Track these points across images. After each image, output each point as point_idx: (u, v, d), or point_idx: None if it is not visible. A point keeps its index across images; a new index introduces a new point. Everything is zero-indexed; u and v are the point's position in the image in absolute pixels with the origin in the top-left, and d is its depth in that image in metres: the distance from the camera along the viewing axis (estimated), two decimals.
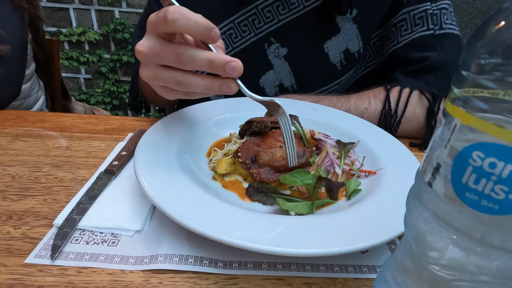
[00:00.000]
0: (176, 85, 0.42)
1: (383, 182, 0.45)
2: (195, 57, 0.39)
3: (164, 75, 0.41)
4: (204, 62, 0.39)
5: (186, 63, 0.39)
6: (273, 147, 0.48)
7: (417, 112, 0.65)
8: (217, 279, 0.35)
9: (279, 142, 0.48)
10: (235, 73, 0.39)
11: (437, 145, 0.23)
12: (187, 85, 0.41)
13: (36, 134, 0.60)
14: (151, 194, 0.38)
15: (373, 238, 0.35)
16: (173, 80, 0.41)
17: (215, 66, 0.39)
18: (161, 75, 0.42)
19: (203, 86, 0.41)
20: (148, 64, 0.42)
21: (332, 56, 0.74)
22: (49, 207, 0.43)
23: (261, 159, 0.46)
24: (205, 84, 0.41)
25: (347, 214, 0.39)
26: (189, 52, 0.39)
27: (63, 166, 0.51)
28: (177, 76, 0.41)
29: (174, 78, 0.41)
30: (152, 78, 0.42)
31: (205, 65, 0.39)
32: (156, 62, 0.41)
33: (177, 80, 0.41)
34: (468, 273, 0.23)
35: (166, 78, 0.41)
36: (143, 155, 0.45)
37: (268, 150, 0.47)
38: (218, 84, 0.41)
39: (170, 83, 0.42)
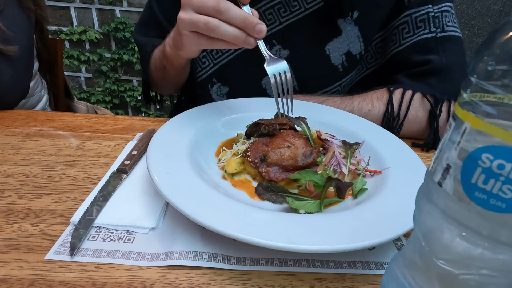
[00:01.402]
0: (206, 27, 0.47)
1: (388, 182, 0.47)
2: (232, 9, 0.46)
3: (198, 17, 0.47)
4: (239, 15, 0.46)
5: (223, 11, 0.45)
6: (281, 147, 0.49)
7: (419, 114, 0.67)
8: (231, 274, 0.36)
9: (287, 142, 0.50)
10: (261, 34, 0.47)
11: (447, 147, 0.24)
12: (216, 28, 0.46)
13: (47, 133, 0.61)
14: (166, 193, 0.39)
15: (380, 235, 0.36)
16: (204, 22, 0.46)
17: (248, 22, 0.46)
18: (195, 17, 0.47)
19: (231, 33, 0.47)
20: (188, 9, 0.48)
21: (333, 58, 0.75)
22: (65, 205, 0.44)
23: (269, 158, 0.48)
24: (233, 32, 0.47)
25: (354, 213, 0.41)
26: (227, 4, 0.46)
27: (75, 165, 0.52)
28: (209, 18, 0.47)
29: (206, 19, 0.46)
30: (186, 21, 0.48)
31: (240, 18, 0.46)
32: (195, 8, 0.47)
33: (208, 21, 0.46)
34: (475, 268, 0.25)
35: (199, 19, 0.47)
36: (155, 155, 0.46)
37: (277, 150, 0.48)
38: (244, 36, 0.47)
39: (201, 25, 0.47)
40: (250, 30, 0.47)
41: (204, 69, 0.78)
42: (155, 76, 0.77)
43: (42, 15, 0.89)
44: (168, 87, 0.82)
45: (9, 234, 0.39)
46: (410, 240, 0.31)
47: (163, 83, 0.79)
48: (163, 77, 0.74)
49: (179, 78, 0.76)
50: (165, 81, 0.77)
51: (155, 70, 0.75)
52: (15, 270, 0.34)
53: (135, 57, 2.11)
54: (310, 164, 0.48)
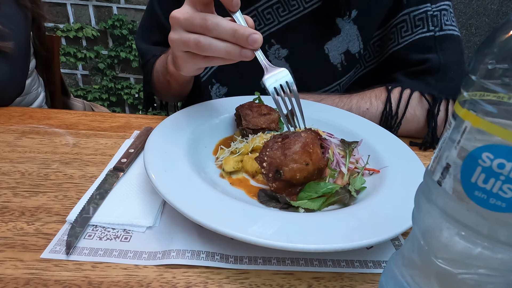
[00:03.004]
0: (197, 47, 0.45)
1: (386, 181, 0.47)
2: (220, 24, 0.43)
3: (187, 37, 0.45)
4: (229, 30, 0.43)
5: (211, 28, 0.43)
6: (299, 161, 0.44)
7: (417, 113, 0.67)
8: (228, 273, 0.36)
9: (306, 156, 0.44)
10: (255, 45, 0.44)
11: (447, 146, 0.24)
12: (207, 46, 0.44)
13: (43, 131, 0.60)
14: (164, 192, 0.39)
15: (378, 235, 0.36)
16: (195, 41, 0.44)
17: (239, 35, 0.43)
18: (185, 37, 0.45)
19: (223, 50, 0.44)
20: (177, 28, 0.46)
21: (332, 57, 0.75)
22: (61, 204, 0.43)
23: (284, 176, 0.44)
24: (225, 48, 0.44)
25: (353, 212, 0.41)
26: (215, 19, 0.43)
27: (71, 163, 0.52)
28: (199, 37, 0.44)
29: (196, 39, 0.44)
30: (177, 41, 0.46)
31: (229, 33, 0.43)
32: (184, 27, 0.45)
33: (198, 41, 0.44)
34: (473, 267, 0.25)
35: (189, 39, 0.45)
36: (152, 153, 0.46)
37: (294, 165, 0.43)
38: (238, 50, 0.44)
39: (191, 45, 0.45)
40: (243, 43, 0.44)
41: (205, 70, 0.78)
42: (159, 89, 0.75)
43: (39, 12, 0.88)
44: (173, 97, 0.80)
45: (4, 232, 0.38)
46: (409, 239, 0.31)
47: (168, 95, 0.77)
48: (168, 90, 0.73)
49: (183, 90, 0.74)
50: (170, 94, 0.75)
51: (158, 83, 0.73)
52: (10, 269, 0.34)
53: (132, 55, 2.09)
54: (319, 178, 0.47)
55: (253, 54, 0.46)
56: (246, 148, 0.52)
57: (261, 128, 0.56)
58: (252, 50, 0.45)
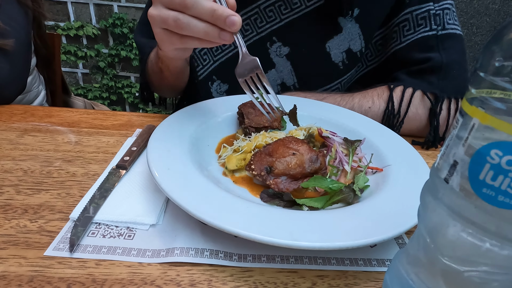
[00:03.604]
0: (175, 25, 0.43)
1: (389, 179, 0.47)
2: (199, 2, 0.41)
3: (166, 14, 0.43)
4: (207, 9, 0.41)
5: (190, 6, 0.41)
6: (286, 155, 0.47)
7: (420, 112, 0.67)
8: (232, 271, 0.36)
9: (291, 150, 0.48)
10: (234, 28, 0.42)
11: (454, 144, 0.24)
12: (185, 25, 0.42)
13: (45, 129, 0.60)
14: (167, 190, 0.39)
15: (382, 233, 0.36)
16: (174, 18, 0.43)
17: (217, 16, 0.41)
18: (164, 13, 0.43)
19: (201, 30, 0.42)
20: (157, 4, 0.44)
21: (334, 55, 0.75)
22: (64, 201, 0.43)
23: (276, 169, 0.46)
24: (204, 28, 0.42)
25: (356, 210, 0.40)
26: None
27: (74, 161, 0.52)
28: (178, 15, 0.42)
29: (175, 16, 0.43)
30: (155, 17, 0.44)
31: (208, 12, 0.41)
32: (164, 3, 0.43)
33: (178, 18, 0.42)
34: (480, 265, 0.25)
35: (168, 16, 0.43)
36: (155, 151, 0.46)
37: (282, 159, 0.46)
38: (217, 32, 0.42)
39: (170, 22, 0.43)
40: (221, 23, 0.42)
41: (205, 66, 0.78)
42: (153, 79, 0.74)
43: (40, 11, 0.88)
44: (168, 90, 0.79)
45: (7, 230, 0.38)
46: (414, 237, 0.31)
47: (162, 87, 0.76)
48: (161, 81, 0.72)
49: (177, 82, 0.73)
50: (164, 85, 0.74)
51: (153, 73, 0.72)
52: (13, 267, 0.34)
53: (132, 53, 2.09)
54: (318, 169, 0.47)
55: (232, 37, 0.44)
56: (249, 146, 0.52)
57: (264, 126, 0.56)
58: (231, 32, 0.44)
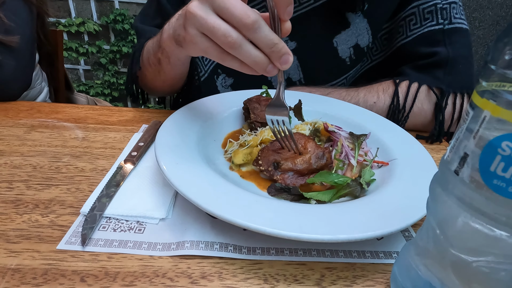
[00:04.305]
0: (224, 41, 0.37)
1: (396, 173, 0.47)
2: (263, 30, 0.37)
3: (217, 23, 0.37)
4: (269, 40, 0.37)
5: (251, 28, 0.36)
6: (292, 152, 0.48)
7: (425, 107, 0.67)
8: (242, 264, 0.36)
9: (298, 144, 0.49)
10: (285, 66, 0.40)
11: (464, 136, 0.24)
12: (237, 46, 0.37)
13: (52, 125, 0.61)
14: (176, 184, 0.39)
15: (389, 226, 0.36)
16: (224, 33, 0.37)
17: (276, 50, 0.38)
18: (213, 21, 0.37)
19: (252, 57, 0.38)
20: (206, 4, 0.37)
21: (341, 51, 0.75)
22: (73, 196, 0.44)
23: (283, 165, 0.46)
24: (255, 57, 0.38)
25: (364, 203, 0.41)
26: (260, 21, 0.36)
27: (82, 157, 0.52)
28: (232, 32, 0.37)
29: (226, 31, 0.37)
30: (199, 18, 0.38)
31: (268, 43, 0.38)
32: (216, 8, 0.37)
33: (230, 35, 0.37)
34: (489, 255, 0.25)
35: (218, 28, 0.37)
36: (163, 146, 0.46)
37: (289, 155, 0.47)
38: (267, 64, 0.39)
39: (218, 36, 0.37)
40: (275, 58, 0.39)
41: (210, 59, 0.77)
42: (147, 72, 0.67)
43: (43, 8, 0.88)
44: (161, 87, 0.70)
45: (20, 224, 0.39)
46: (423, 229, 0.31)
47: (156, 83, 0.68)
48: (157, 74, 0.64)
49: (175, 78, 0.66)
50: (159, 80, 0.66)
51: (148, 64, 0.64)
52: (27, 260, 0.34)
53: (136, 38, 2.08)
54: (324, 166, 0.47)
55: (276, 72, 0.41)
56: (255, 140, 0.52)
57: None
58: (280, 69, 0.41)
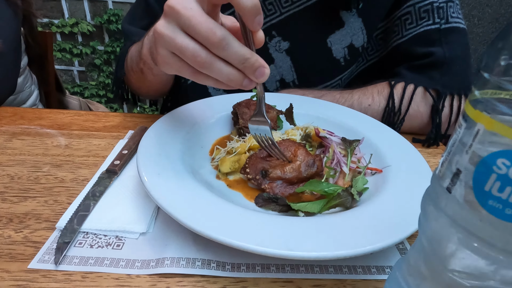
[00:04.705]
0: (194, 60, 0.36)
1: (389, 181, 0.45)
2: (231, 46, 0.35)
3: (185, 43, 0.35)
4: (239, 56, 0.35)
5: (218, 46, 0.34)
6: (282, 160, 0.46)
7: (421, 109, 0.65)
8: (225, 282, 0.34)
9: (287, 152, 0.47)
10: (261, 79, 0.37)
11: (457, 150, 0.22)
12: (208, 65, 0.36)
13: (34, 132, 0.58)
14: (157, 197, 0.37)
15: (382, 240, 0.34)
16: (193, 53, 0.35)
17: (249, 65, 0.36)
18: (181, 40, 0.35)
19: (225, 75, 0.37)
20: (172, 22, 0.35)
21: (335, 51, 0.73)
22: (51, 209, 0.42)
23: (271, 173, 0.44)
24: (228, 73, 0.37)
25: (355, 215, 0.39)
26: (227, 38, 0.34)
27: (63, 166, 0.50)
28: (200, 51, 0.35)
29: (195, 51, 0.35)
30: (167, 39, 0.36)
31: (239, 59, 0.36)
32: (182, 26, 0.35)
33: (198, 55, 0.35)
34: (486, 280, 0.23)
35: (186, 47, 0.35)
36: (146, 155, 0.44)
37: (277, 163, 0.45)
38: (242, 79, 0.37)
39: (187, 55, 0.36)
40: (249, 73, 0.37)
41: None
42: (131, 78, 0.65)
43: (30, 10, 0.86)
44: (147, 93, 0.69)
45: None
46: (415, 247, 0.29)
47: (142, 89, 0.67)
48: (141, 81, 0.63)
49: (160, 85, 0.64)
50: (144, 87, 0.65)
51: (132, 71, 0.63)
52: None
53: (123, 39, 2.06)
54: (315, 174, 0.45)
55: (254, 85, 0.39)
56: (242, 147, 0.50)
57: None
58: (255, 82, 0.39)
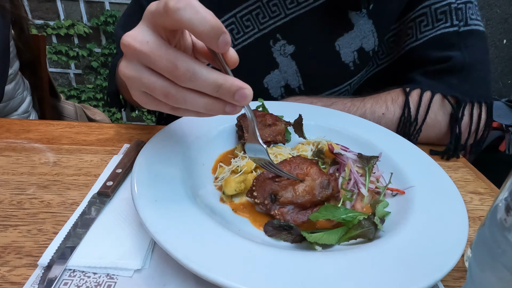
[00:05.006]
0: (166, 98, 0.33)
1: (414, 205, 0.40)
2: (198, 76, 0.31)
3: (151, 82, 0.32)
4: (210, 85, 0.32)
5: (184, 79, 0.31)
6: (293, 181, 0.41)
7: (439, 118, 0.60)
8: None
9: (299, 173, 0.42)
10: (244, 102, 0.33)
11: None
12: (181, 100, 0.33)
13: (20, 147, 0.54)
14: (153, 230, 0.32)
15: (414, 282, 0.30)
16: (162, 92, 0.33)
17: (224, 91, 0.32)
18: (147, 80, 0.32)
19: (202, 106, 0.33)
20: (133, 61, 0.33)
21: (344, 55, 0.68)
22: (34, 241, 0.37)
23: (282, 197, 0.39)
24: (205, 104, 0.33)
25: (380, 250, 0.34)
26: (190, 67, 0.31)
27: (50, 187, 0.45)
28: (169, 88, 0.32)
29: (163, 89, 0.32)
30: (134, 80, 0.33)
31: (210, 88, 0.32)
32: (143, 62, 0.32)
33: (168, 92, 0.33)
34: None
35: (153, 86, 0.32)
36: (141, 178, 0.39)
37: (289, 186, 0.40)
38: (222, 106, 0.34)
39: (157, 93, 0.33)
40: (229, 98, 0.33)
41: None
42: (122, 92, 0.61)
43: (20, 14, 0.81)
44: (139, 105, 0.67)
45: None
46: None
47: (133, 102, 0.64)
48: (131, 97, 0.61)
49: None
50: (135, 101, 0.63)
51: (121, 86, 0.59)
52: None
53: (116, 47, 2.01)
54: (330, 196, 0.40)
55: (240, 109, 0.35)
56: (249, 166, 0.45)
57: (266, 141, 0.49)
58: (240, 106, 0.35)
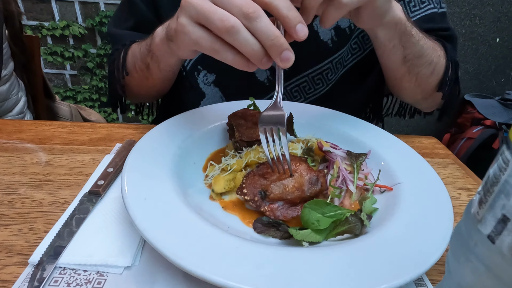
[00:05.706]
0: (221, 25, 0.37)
1: (401, 202, 0.41)
2: (263, 19, 0.36)
3: (213, 8, 0.37)
4: (271, 33, 0.36)
5: (253, 17, 0.36)
6: (282, 177, 0.42)
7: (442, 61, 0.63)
8: None
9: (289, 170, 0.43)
10: (286, 64, 0.37)
11: (502, 191, 0.18)
12: (236, 31, 0.36)
13: (12, 147, 0.54)
14: (142, 228, 0.33)
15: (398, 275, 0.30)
16: (221, 17, 0.36)
17: (278, 43, 0.36)
18: (209, 6, 0.37)
19: (250, 46, 0.37)
20: None
21: (322, 33, 0.70)
22: (25, 239, 0.37)
23: (272, 193, 0.40)
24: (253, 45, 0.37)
25: (366, 245, 0.35)
26: (261, 11, 0.36)
27: (41, 187, 0.45)
28: (229, 16, 0.36)
29: (224, 15, 0.36)
30: (195, 5, 0.38)
31: (269, 36, 0.36)
32: None
33: (227, 19, 0.36)
34: None
35: (214, 11, 0.37)
36: (131, 176, 0.39)
37: (278, 182, 0.41)
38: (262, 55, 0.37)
39: (215, 20, 0.37)
40: (275, 53, 0.37)
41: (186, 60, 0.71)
42: (133, 78, 0.64)
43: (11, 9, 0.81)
44: (147, 93, 0.69)
45: None
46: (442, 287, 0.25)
47: (142, 89, 0.67)
48: (144, 80, 0.62)
49: (164, 83, 0.64)
50: (146, 86, 0.64)
51: (134, 70, 0.62)
52: None
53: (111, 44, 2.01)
54: (319, 192, 0.41)
55: (269, 66, 0.39)
56: (238, 164, 0.46)
57: (257, 140, 0.50)
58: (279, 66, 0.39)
